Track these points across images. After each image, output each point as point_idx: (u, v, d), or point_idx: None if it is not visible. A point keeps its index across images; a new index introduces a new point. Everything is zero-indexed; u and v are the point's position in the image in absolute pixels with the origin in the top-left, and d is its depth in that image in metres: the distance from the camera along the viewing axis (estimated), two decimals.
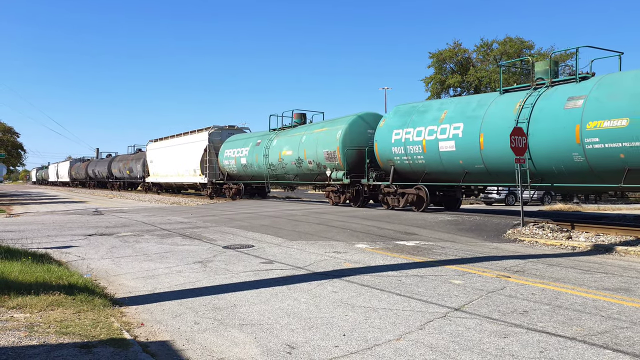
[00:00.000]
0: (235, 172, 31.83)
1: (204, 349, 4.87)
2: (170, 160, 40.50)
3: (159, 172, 43.51)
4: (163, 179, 43.04)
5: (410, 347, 4.83)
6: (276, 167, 27.32)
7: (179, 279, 8.07)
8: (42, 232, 14.41)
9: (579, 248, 11.42)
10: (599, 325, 5.51)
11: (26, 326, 5.08)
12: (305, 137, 24.91)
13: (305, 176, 25.88)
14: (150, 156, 45.55)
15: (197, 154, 35.36)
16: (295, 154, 25.47)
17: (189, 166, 36.96)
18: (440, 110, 18.13)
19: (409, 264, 9.29)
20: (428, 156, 17.89)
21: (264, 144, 28.63)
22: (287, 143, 26.40)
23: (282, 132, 28.16)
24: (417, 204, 18.85)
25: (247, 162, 29.99)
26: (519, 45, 42.38)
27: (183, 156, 37.82)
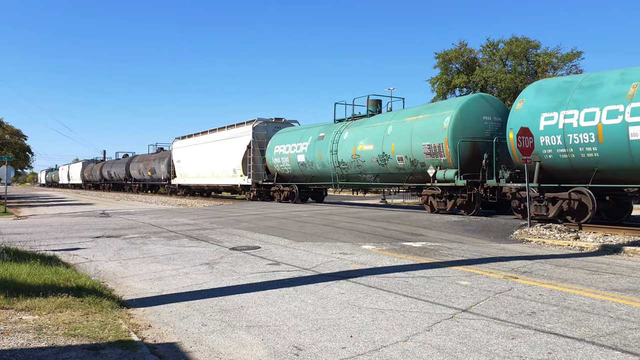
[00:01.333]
0: (289, 171, 27.07)
1: (211, 351, 4.88)
2: (203, 160, 36.01)
3: (188, 173, 39.06)
4: (193, 181, 38.59)
5: (418, 349, 4.82)
6: (348, 166, 22.58)
7: (186, 281, 8.09)
8: (50, 234, 14.48)
9: (586, 248, 11.36)
10: (608, 326, 5.48)
11: (35, 328, 5.10)
12: (393, 128, 20.00)
13: (390, 176, 20.77)
14: (177, 155, 40.99)
15: (237, 152, 30.73)
16: (377, 148, 20.52)
17: (227, 165, 32.27)
18: (624, 83, 13.23)
19: (416, 265, 9.27)
20: (605, 147, 13.11)
21: (329, 137, 23.85)
22: (365, 135, 21.50)
23: (354, 122, 23.44)
24: (577, 215, 14.25)
25: (307, 160, 25.27)
26: (525, 45, 42.21)
27: (219, 154, 33.15)
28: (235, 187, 32.75)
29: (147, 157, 50.95)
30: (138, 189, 53.99)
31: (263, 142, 29.58)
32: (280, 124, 30.70)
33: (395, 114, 21.12)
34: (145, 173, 49.78)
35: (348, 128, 23.22)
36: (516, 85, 38.46)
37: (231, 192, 37.40)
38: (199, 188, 40.03)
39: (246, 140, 30.12)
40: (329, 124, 25.28)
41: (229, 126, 33.64)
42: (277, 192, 28.42)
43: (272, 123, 30.55)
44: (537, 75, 41.38)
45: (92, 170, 72.46)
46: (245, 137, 30.26)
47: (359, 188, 25.18)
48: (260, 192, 30.03)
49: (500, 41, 43.98)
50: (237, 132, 31.59)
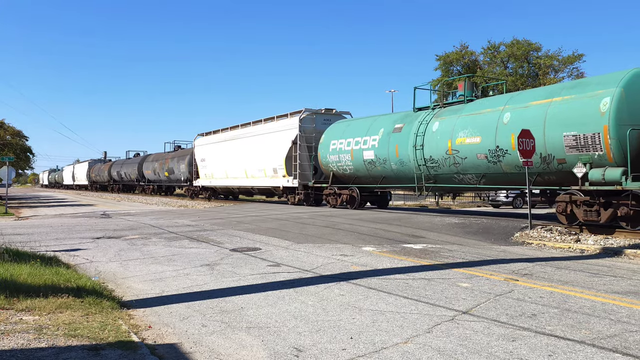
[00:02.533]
0: (350, 171, 22.57)
1: (211, 352, 4.88)
2: (233, 158, 31.92)
3: (214, 173, 34.97)
4: (220, 182, 34.32)
5: (418, 351, 4.82)
6: (439, 164, 18.03)
7: (186, 282, 8.09)
8: (51, 235, 14.49)
9: (587, 251, 11.35)
10: (608, 328, 5.47)
11: (35, 328, 5.10)
12: (512, 115, 15.62)
13: (504, 177, 16.20)
14: (200, 154, 36.92)
15: (280, 148, 26.66)
16: (487, 141, 16.10)
17: (265, 164, 28.27)
18: None
19: (416, 267, 9.27)
20: None
21: (410, 129, 19.27)
22: (467, 125, 17.01)
23: (445, 110, 18.75)
24: None
25: (377, 157, 20.70)
26: (526, 47, 42.28)
27: (255, 152, 29.14)
28: (274, 189, 28.67)
29: (164, 156, 46.35)
30: (152, 190, 50.10)
31: (310, 137, 25.58)
32: (330, 115, 26.50)
33: (512, 97, 16.64)
34: (162, 173, 45.64)
35: (438, 117, 18.59)
36: (517, 87, 38.43)
37: (266, 195, 33.22)
38: (226, 190, 35.88)
39: (291, 134, 25.88)
40: (407, 113, 20.68)
41: (266, 119, 29.73)
42: (332, 195, 23.97)
43: (322, 115, 26.36)
44: (538, 77, 41.43)
45: (100, 171, 68.52)
46: (290, 131, 26.02)
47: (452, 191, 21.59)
48: (308, 195, 25.77)
49: (502, 43, 44.08)
50: (280, 126, 27.39)
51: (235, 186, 32.98)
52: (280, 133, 26.96)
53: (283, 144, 26.45)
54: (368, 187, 22.57)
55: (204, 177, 36.66)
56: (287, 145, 26.07)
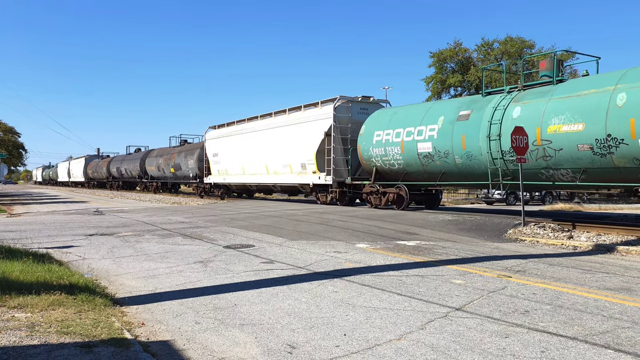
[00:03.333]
0: (398, 166, 19.37)
1: (204, 349, 4.87)
2: (251, 152, 29.19)
3: (228, 169, 32.10)
4: (236, 179, 31.41)
5: (411, 347, 4.83)
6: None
7: (179, 279, 8.07)
8: (43, 232, 14.42)
9: (580, 248, 11.40)
10: (601, 325, 5.50)
11: (27, 326, 5.08)
12: (629, 95, 12.78)
13: (614, 173, 13.47)
14: (212, 148, 34.19)
15: (309, 141, 23.93)
16: (593, 129, 13.34)
17: (291, 159, 25.55)
18: None
19: (410, 264, 9.28)
20: None
21: (481, 116, 16.39)
22: (564, 110, 14.20)
23: (527, 93, 16.01)
24: None
25: (436, 150, 17.64)
26: (520, 44, 42.42)
27: (280, 145, 26.49)
28: (301, 187, 25.89)
29: (169, 151, 43.11)
30: (155, 188, 47.06)
31: (345, 128, 22.91)
32: (367, 104, 23.64)
33: (626, 73, 13.47)
34: (167, 169, 42.44)
35: (519, 101, 15.85)
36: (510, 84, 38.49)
37: (289, 194, 30.60)
38: (243, 188, 32.89)
39: (324, 125, 23.06)
40: (473, 97, 18.09)
41: (291, 109, 26.87)
42: (375, 195, 20.76)
43: (358, 103, 23.42)
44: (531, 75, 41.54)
45: (98, 167, 65.36)
46: (322, 122, 23.23)
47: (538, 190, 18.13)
48: (344, 194, 22.97)
49: (495, 40, 44.21)
50: (308, 116, 24.60)
51: (253, 183, 29.96)
52: (309, 124, 24.20)
53: (313, 136, 23.68)
54: (420, 184, 19.68)
55: (216, 174, 33.82)
56: (319, 137, 23.28)
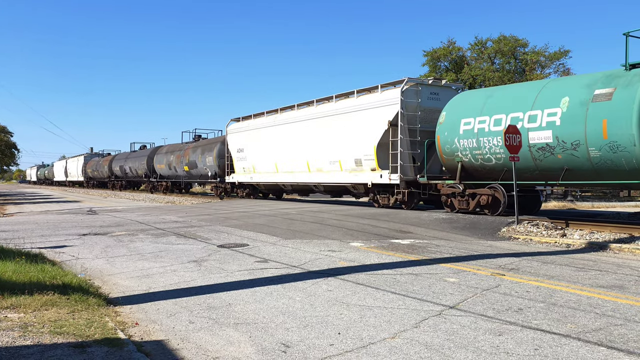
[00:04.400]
0: (496, 161, 15.66)
1: (198, 348, 4.86)
2: (288, 147, 25.29)
3: (256, 165, 28.16)
4: (267, 177, 27.43)
5: (406, 346, 4.83)
6: None
7: (173, 278, 8.05)
8: (36, 232, 14.36)
9: (573, 246, 11.45)
10: (593, 322, 5.52)
11: (20, 326, 5.05)
12: None
13: None
14: (235, 142, 30.12)
15: (367, 132, 19.97)
16: None
17: (342, 154, 21.48)
18: None
19: (404, 262, 9.30)
20: None
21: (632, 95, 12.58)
22: None
23: None
24: None
25: (559, 140, 13.90)
26: (513, 43, 42.50)
27: (326, 138, 22.55)
28: (354, 187, 21.63)
29: (183, 147, 39.05)
30: (165, 188, 43.06)
31: (414, 117, 18.81)
32: (439, 87, 19.65)
33: None
34: (180, 168, 38.54)
35: None
36: (504, 84, 38.65)
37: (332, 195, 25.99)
38: (274, 188, 28.74)
39: (388, 113, 19.04)
40: (611, 72, 13.79)
41: (339, 95, 22.84)
42: (459, 197, 16.82)
43: (428, 87, 19.40)
44: (525, 73, 41.68)
45: (98, 165, 61.08)
46: (386, 109, 19.17)
47: None
48: (412, 195, 18.87)
49: (489, 39, 44.25)
50: (367, 102, 20.44)
51: (288, 182, 25.93)
52: (367, 113, 20.27)
53: (373, 126, 19.74)
54: (526, 184, 15.92)
55: (240, 172, 29.80)
56: (381, 127, 19.28)
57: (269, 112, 27.76)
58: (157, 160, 43.66)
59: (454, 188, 17.01)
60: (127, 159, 51.83)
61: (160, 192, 43.06)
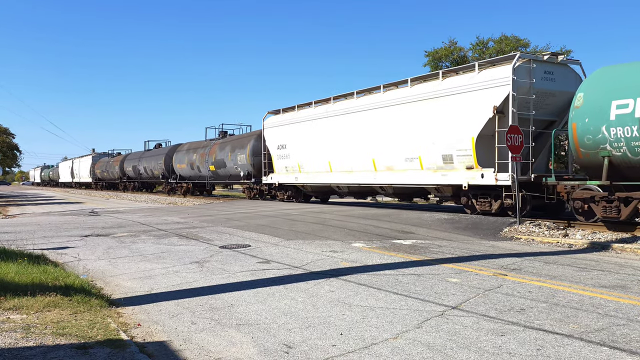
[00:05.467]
0: None
1: (201, 349, 4.86)
2: (347, 142, 21.38)
3: (304, 164, 24.33)
4: (317, 178, 23.59)
5: (408, 346, 4.83)
6: None
7: (175, 279, 8.05)
8: (38, 233, 14.37)
9: (575, 246, 11.44)
10: (596, 322, 5.52)
11: (23, 327, 5.06)
12: None
13: None
14: (275, 138, 26.44)
15: (462, 121, 16.25)
16: None
17: (424, 149, 17.64)
18: None
19: (406, 263, 9.29)
20: None
21: None
22: None
23: None
24: None
25: None
26: (515, 43, 42.41)
27: (400, 129, 18.61)
28: (441, 189, 17.83)
29: (208, 145, 35.36)
30: (186, 190, 39.28)
31: (526, 102, 15.21)
32: (554, 65, 15.85)
33: None
34: (204, 167, 34.83)
35: None
36: None
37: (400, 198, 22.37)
38: (325, 189, 24.83)
39: (493, 96, 15.40)
40: None
41: (414, 79, 19.17)
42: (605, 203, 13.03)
43: (542, 64, 15.69)
44: None
45: (108, 166, 57.84)
46: (490, 92, 15.55)
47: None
48: (525, 200, 15.05)
49: (490, 39, 44.18)
50: (461, 84, 16.62)
51: (347, 184, 22.08)
52: (460, 97, 16.53)
53: (470, 114, 16.06)
54: None
55: (282, 171, 26.11)
56: (482, 115, 15.60)
57: (317, 102, 24.13)
58: (176, 159, 39.64)
59: (591, 191, 13.45)
60: (141, 158, 47.91)
61: (180, 195, 39.42)
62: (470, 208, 16.92)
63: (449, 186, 17.26)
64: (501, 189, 15.50)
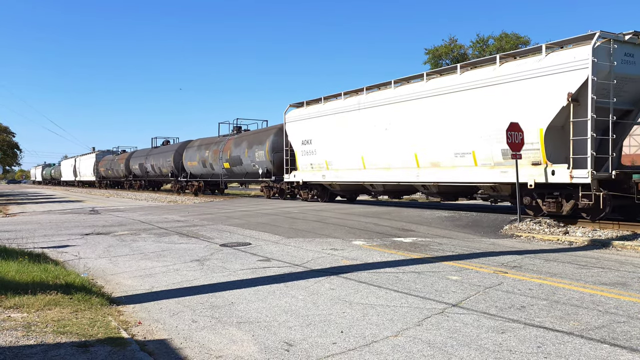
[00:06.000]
0: None
1: (201, 347, 4.87)
2: (383, 136, 19.14)
3: (332, 160, 22.21)
4: (347, 176, 21.41)
5: (408, 344, 4.83)
6: None
7: (176, 278, 8.06)
8: (39, 232, 14.38)
9: (576, 243, 11.44)
10: (596, 319, 5.52)
11: (23, 326, 5.07)
12: None
13: None
14: (299, 133, 24.36)
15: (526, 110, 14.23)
16: None
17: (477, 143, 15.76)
18: None
19: (406, 261, 9.30)
20: None
21: None
22: None
23: None
24: None
25: None
26: (515, 40, 42.46)
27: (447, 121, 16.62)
28: (498, 188, 15.77)
29: (221, 140, 33.25)
30: (197, 189, 37.47)
31: (605, 87, 13.12)
32: (634, 47, 13.66)
33: None
34: (218, 165, 32.88)
35: None
36: None
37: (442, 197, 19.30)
38: (357, 188, 22.84)
39: (567, 82, 13.40)
40: None
41: (465, 65, 17.19)
42: None
43: (623, 44, 13.54)
44: None
45: (113, 164, 56.03)
46: (563, 77, 13.52)
47: None
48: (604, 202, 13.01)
49: (490, 37, 44.23)
50: (525, 69, 14.56)
51: (383, 182, 19.81)
52: (523, 84, 14.57)
53: (537, 103, 14.12)
54: None
55: (307, 169, 24.05)
56: (554, 104, 13.64)
57: (347, 94, 21.95)
58: (187, 156, 37.68)
59: None
60: (148, 155, 45.78)
61: (190, 194, 37.29)
62: (534, 209, 15.05)
63: (508, 184, 15.15)
64: (575, 187, 13.56)
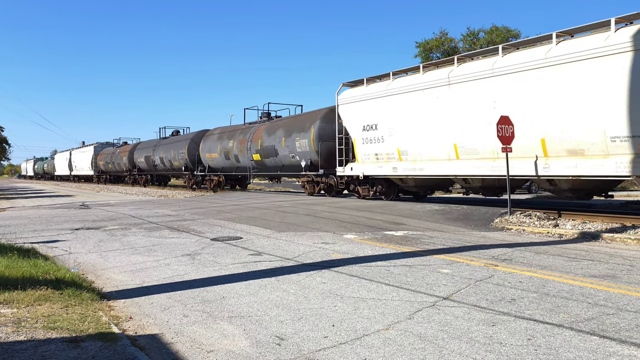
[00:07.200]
0: None
1: (193, 342, 4.86)
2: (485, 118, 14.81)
3: (408, 149, 17.82)
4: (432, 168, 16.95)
5: (400, 337, 4.85)
6: None
7: (167, 272, 8.04)
8: (28, 227, 14.29)
9: (565, 236, 11.51)
10: (586, 312, 5.56)
11: (13, 321, 5.03)
12: None
13: None
14: (358, 116, 20.00)
15: None
16: None
17: None
18: None
19: (398, 254, 9.32)
20: None
21: None
22: None
23: None
24: None
25: None
26: (505, 34, 42.50)
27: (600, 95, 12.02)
28: None
29: (249, 129, 28.82)
30: (217, 184, 32.63)
31: None
32: None
33: None
34: (245, 157, 28.41)
35: None
36: None
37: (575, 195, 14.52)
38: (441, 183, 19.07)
39: None
40: None
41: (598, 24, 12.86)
42: None
43: None
44: None
45: (114, 157, 51.15)
46: None
47: None
48: None
49: (481, 30, 44.24)
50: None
51: (486, 176, 15.46)
52: None
53: None
54: None
55: (370, 160, 19.67)
56: None
57: (426, 67, 17.92)
58: (205, 147, 32.80)
59: None
60: (156, 147, 40.91)
61: (209, 190, 32.55)
62: None
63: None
64: None
